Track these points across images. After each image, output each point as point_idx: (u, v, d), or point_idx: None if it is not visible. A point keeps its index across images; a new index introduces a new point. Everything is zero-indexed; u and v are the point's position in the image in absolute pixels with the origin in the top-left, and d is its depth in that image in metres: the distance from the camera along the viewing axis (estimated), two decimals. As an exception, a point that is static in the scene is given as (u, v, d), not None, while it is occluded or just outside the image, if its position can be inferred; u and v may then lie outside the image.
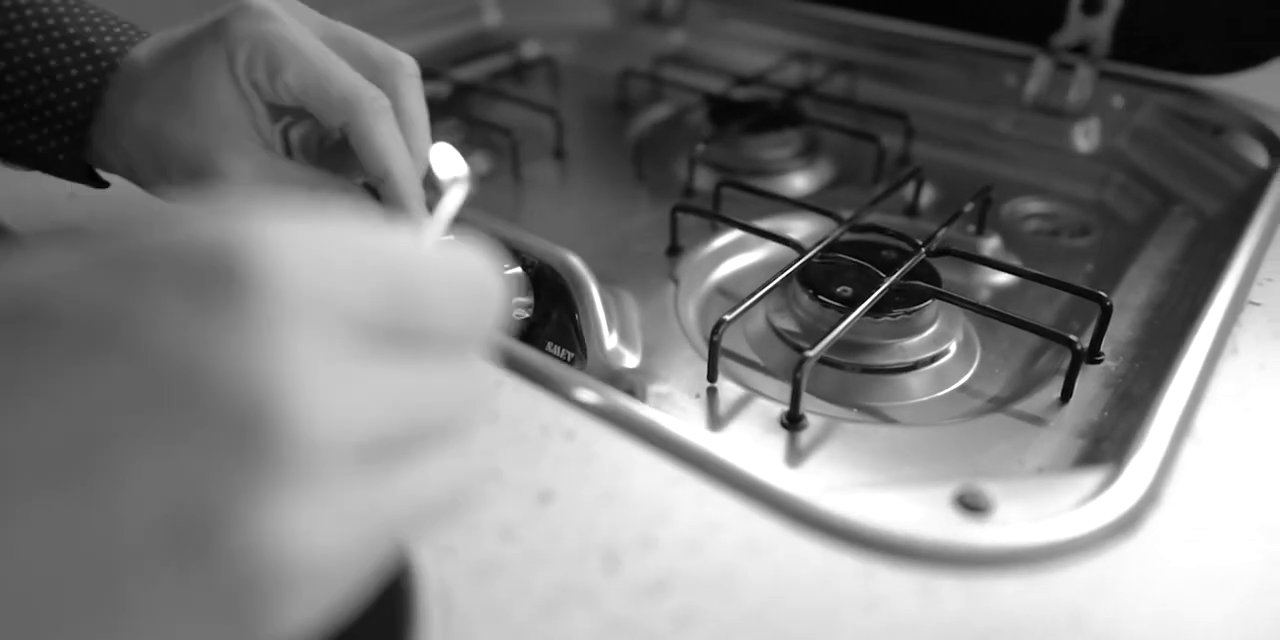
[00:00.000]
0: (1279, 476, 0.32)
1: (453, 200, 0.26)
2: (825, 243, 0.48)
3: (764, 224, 0.55)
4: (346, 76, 0.36)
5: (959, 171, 0.67)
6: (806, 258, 0.47)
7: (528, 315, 0.44)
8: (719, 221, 0.51)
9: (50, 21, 0.37)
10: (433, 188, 0.33)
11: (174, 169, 0.37)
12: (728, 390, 0.44)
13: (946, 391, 0.45)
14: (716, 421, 0.42)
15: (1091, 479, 0.33)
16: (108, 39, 0.38)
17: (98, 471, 0.14)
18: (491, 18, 0.88)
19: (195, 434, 0.14)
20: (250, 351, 0.15)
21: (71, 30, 0.37)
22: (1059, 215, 0.62)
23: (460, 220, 0.39)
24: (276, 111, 0.38)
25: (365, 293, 0.16)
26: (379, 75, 0.37)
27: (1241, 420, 0.35)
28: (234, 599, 0.15)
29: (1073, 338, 0.41)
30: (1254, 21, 0.60)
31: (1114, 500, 0.31)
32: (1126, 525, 0.30)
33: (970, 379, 0.46)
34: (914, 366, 0.46)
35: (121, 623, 0.15)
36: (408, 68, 0.38)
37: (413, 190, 0.38)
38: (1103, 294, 0.43)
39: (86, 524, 0.14)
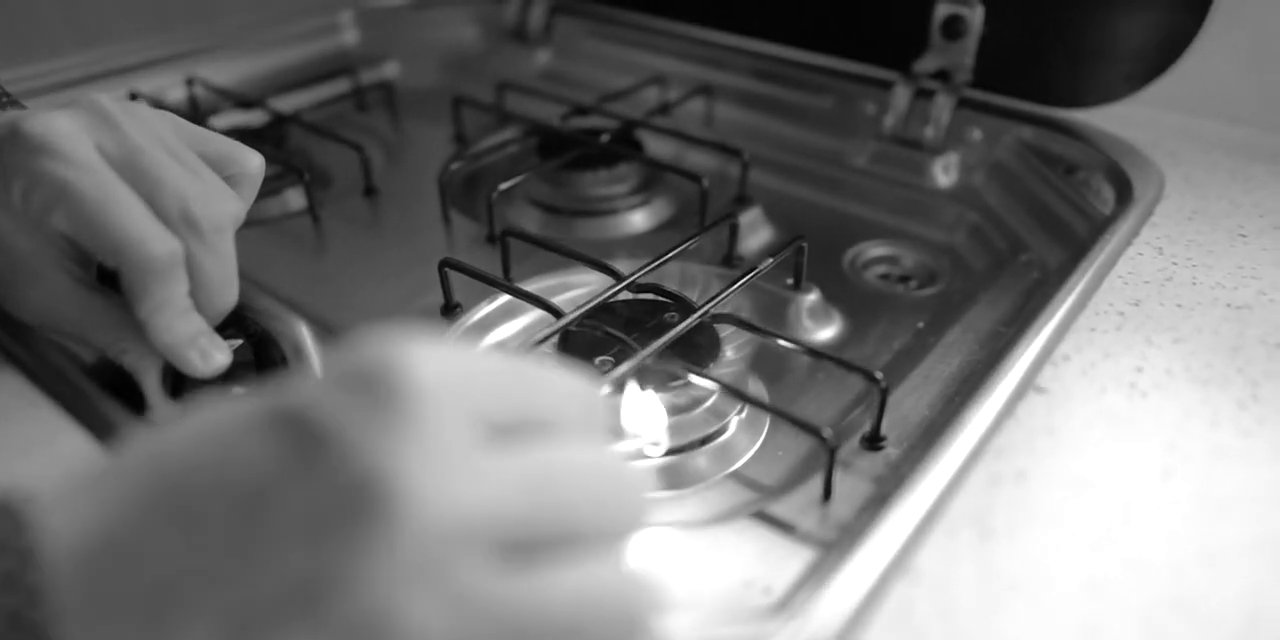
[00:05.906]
0: (996, 636, 0.26)
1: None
2: (586, 308, 0.42)
3: (553, 279, 0.50)
4: (120, 226, 0.31)
5: (809, 209, 0.61)
6: (560, 327, 0.41)
7: (246, 392, 0.39)
8: (482, 281, 0.45)
9: None
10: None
11: None
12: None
13: (714, 479, 0.40)
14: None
15: (773, 625, 0.27)
16: None
17: (259, 529, 0.17)
18: (350, 36, 0.82)
19: (332, 502, 0.16)
20: (385, 438, 0.17)
21: None
22: (907, 260, 0.57)
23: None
24: None
25: (493, 393, 0.19)
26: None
27: (971, 555, 0.29)
28: None
29: (825, 434, 0.35)
30: (1119, 53, 0.54)
31: (777, 666, 0.25)
32: (781, 703, 0.24)
33: (746, 463, 0.41)
34: (681, 450, 0.40)
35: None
36: (206, 222, 0.33)
37: (159, 351, 0.35)
38: (877, 376, 0.38)
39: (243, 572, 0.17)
